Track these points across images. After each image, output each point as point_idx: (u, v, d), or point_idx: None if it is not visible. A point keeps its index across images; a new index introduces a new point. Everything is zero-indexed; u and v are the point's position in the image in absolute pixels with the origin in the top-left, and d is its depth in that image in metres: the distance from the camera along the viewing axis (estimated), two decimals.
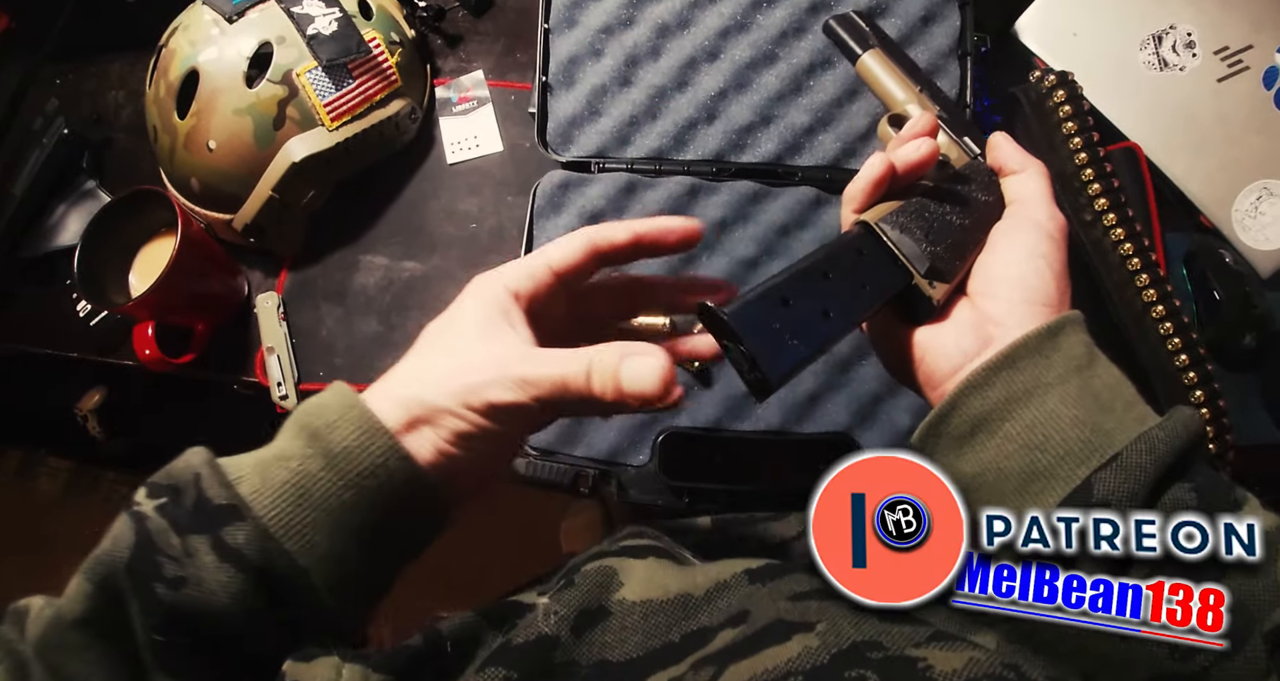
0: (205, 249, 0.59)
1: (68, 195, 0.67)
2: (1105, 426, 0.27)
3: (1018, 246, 0.32)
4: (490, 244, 0.62)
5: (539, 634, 0.26)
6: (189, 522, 0.26)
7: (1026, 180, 0.34)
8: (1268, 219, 0.60)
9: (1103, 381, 0.29)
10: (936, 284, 0.31)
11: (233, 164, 0.57)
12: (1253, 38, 0.61)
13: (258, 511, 0.26)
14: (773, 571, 0.28)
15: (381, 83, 0.60)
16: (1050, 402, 0.28)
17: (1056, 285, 0.31)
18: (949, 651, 0.23)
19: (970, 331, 0.31)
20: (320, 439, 0.27)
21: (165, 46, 0.58)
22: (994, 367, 0.29)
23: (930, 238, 0.31)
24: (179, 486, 0.27)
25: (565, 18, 0.59)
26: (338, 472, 0.27)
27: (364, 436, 0.27)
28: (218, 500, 0.26)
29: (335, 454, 0.27)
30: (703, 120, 0.58)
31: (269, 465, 0.27)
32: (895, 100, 0.39)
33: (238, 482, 0.27)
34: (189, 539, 0.26)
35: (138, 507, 0.27)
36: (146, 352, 0.57)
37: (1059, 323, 0.30)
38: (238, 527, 0.26)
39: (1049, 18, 0.63)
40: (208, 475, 0.27)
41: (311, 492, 0.27)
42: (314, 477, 0.27)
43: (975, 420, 0.29)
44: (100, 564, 0.26)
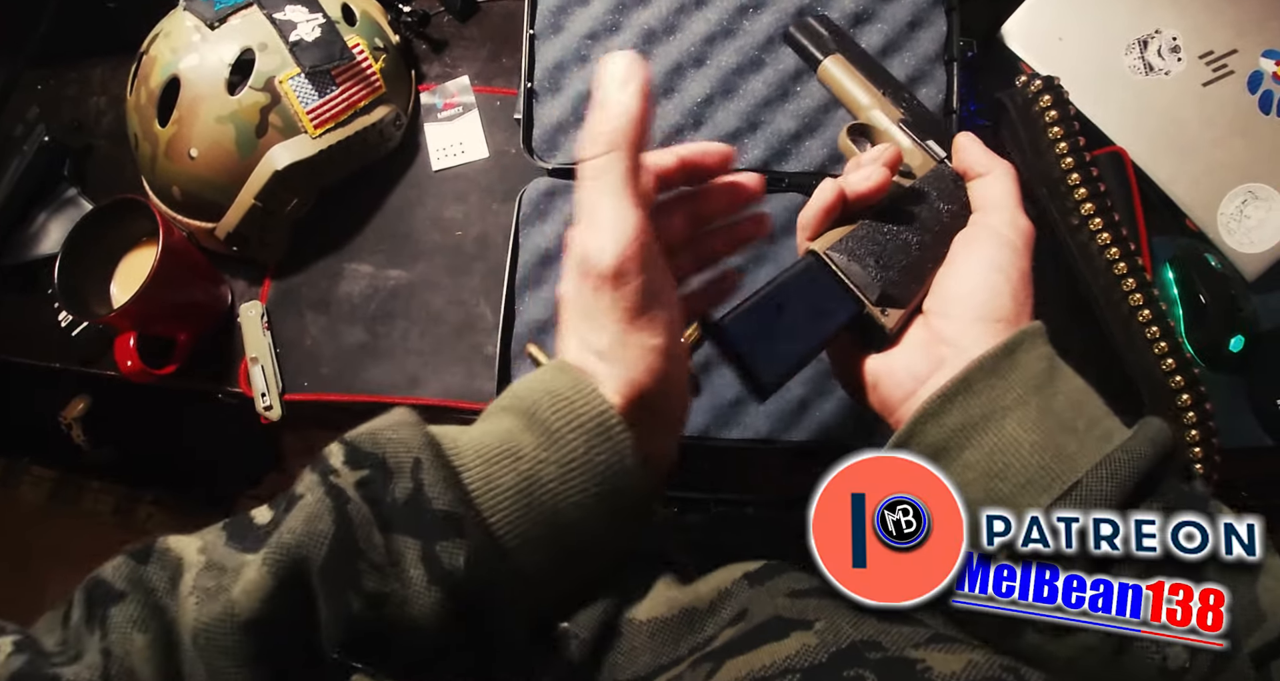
0: (187, 258, 0.58)
1: (49, 203, 0.66)
2: (1067, 449, 0.27)
3: (975, 259, 0.31)
4: (476, 251, 0.61)
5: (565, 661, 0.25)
6: (400, 519, 0.23)
7: (991, 184, 0.33)
8: (1253, 222, 0.61)
9: (1065, 398, 0.28)
10: (889, 311, 0.31)
11: (215, 172, 0.56)
12: (1237, 42, 0.61)
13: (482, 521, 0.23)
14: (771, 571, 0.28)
15: (365, 89, 0.59)
16: (1009, 427, 0.27)
17: (1014, 298, 0.30)
18: (948, 653, 0.23)
19: (922, 353, 0.30)
20: (558, 441, 0.25)
21: (146, 53, 0.57)
22: (949, 394, 0.28)
23: (882, 262, 0.31)
24: (389, 465, 0.23)
25: (551, 23, 0.59)
26: (572, 487, 0.24)
27: (611, 450, 0.25)
28: (438, 504, 0.23)
29: (575, 465, 0.24)
30: (689, 127, 0.58)
31: (495, 459, 0.24)
32: (858, 106, 0.38)
33: (460, 473, 0.24)
34: (396, 541, 0.23)
35: (335, 479, 0.23)
36: (128, 364, 0.57)
37: (1015, 340, 0.29)
38: (457, 545, 0.23)
39: (1035, 23, 0.63)
40: (430, 464, 0.23)
41: (539, 503, 0.24)
42: (545, 487, 0.24)
43: (934, 449, 0.28)
44: (289, 555, 0.22)
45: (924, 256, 0.32)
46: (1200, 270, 0.60)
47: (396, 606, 0.23)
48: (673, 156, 0.32)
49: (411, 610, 0.23)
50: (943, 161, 0.36)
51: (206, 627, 0.22)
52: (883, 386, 0.31)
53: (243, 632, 0.22)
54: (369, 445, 0.24)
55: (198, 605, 0.23)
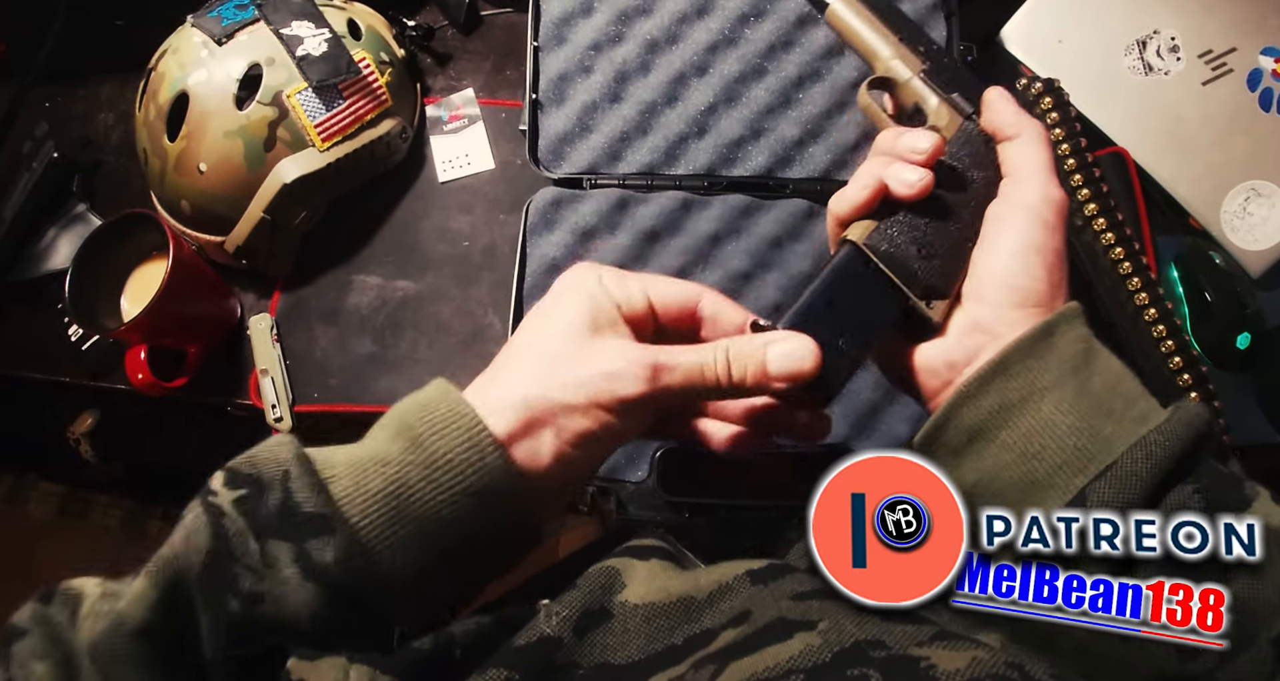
0: (197, 272, 0.59)
1: (58, 219, 0.67)
2: (1103, 432, 0.27)
3: (1007, 240, 0.30)
4: (483, 262, 0.62)
5: (541, 634, 0.26)
6: (271, 526, 0.24)
7: (1021, 148, 0.31)
8: (1256, 219, 0.61)
9: (1102, 380, 0.28)
10: (935, 303, 0.30)
11: (224, 186, 0.57)
12: (1236, 41, 0.61)
13: (350, 522, 0.24)
14: (775, 572, 0.28)
15: (372, 102, 0.60)
16: (1046, 409, 0.27)
17: (1048, 279, 0.29)
18: (952, 650, 0.23)
19: (958, 341, 0.30)
20: (423, 445, 0.26)
21: (154, 69, 0.58)
22: (987, 376, 0.28)
23: (923, 250, 0.30)
24: (263, 481, 0.25)
25: (555, 35, 0.59)
26: (438, 486, 0.25)
27: (471, 447, 0.26)
28: (306, 506, 0.24)
29: (438, 464, 0.25)
30: (693, 135, 0.58)
31: (364, 467, 0.26)
32: (875, 55, 0.35)
33: (330, 482, 0.25)
34: (269, 545, 0.24)
35: (213, 499, 0.25)
36: (139, 377, 0.57)
37: (1053, 322, 0.28)
38: (326, 542, 0.24)
39: (1034, 26, 0.64)
40: (297, 474, 0.25)
41: (408, 505, 0.25)
42: (411, 488, 0.25)
43: (971, 430, 0.28)
44: (169, 567, 0.24)
45: (962, 236, 0.30)
46: (1205, 268, 0.60)
47: (274, 604, 0.24)
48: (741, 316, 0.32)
49: (289, 606, 0.24)
50: (970, 117, 0.33)
51: (100, 640, 0.24)
52: (920, 375, 0.31)
53: (132, 640, 0.24)
54: (246, 468, 0.26)
55: (92, 624, 0.24)
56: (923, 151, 0.30)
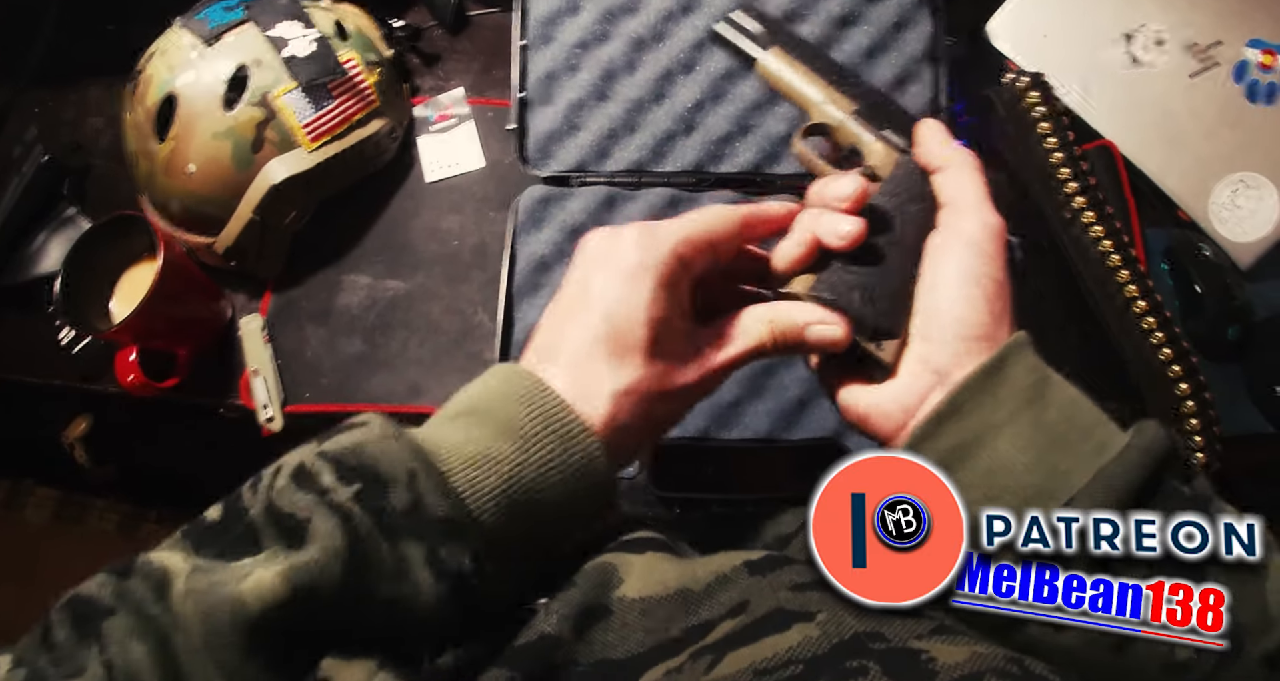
0: (187, 273, 0.59)
1: (48, 222, 0.67)
2: (1060, 467, 0.27)
3: (947, 273, 0.30)
4: (473, 260, 0.62)
5: (540, 633, 0.26)
6: (402, 528, 0.25)
7: (952, 179, 0.31)
8: (1244, 211, 0.61)
9: (1057, 411, 0.28)
10: (884, 344, 0.30)
11: (213, 187, 0.57)
12: (1222, 33, 0.61)
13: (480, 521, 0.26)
14: (773, 562, 0.28)
15: (360, 103, 0.60)
16: (1002, 447, 0.27)
17: (989, 310, 0.29)
18: (952, 644, 0.23)
19: (908, 383, 0.30)
20: (534, 447, 0.27)
21: (143, 71, 0.58)
22: (939, 417, 0.28)
23: (866, 293, 0.30)
24: (383, 477, 0.25)
25: (541, 34, 0.59)
26: (550, 486, 0.27)
27: (584, 453, 0.28)
28: (437, 510, 0.25)
29: (551, 466, 0.27)
30: (680, 132, 0.58)
31: (477, 465, 0.26)
32: (807, 102, 0.35)
33: (448, 477, 0.26)
34: (401, 546, 0.24)
35: (333, 496, 0.25)
36: (130, 378, 0.57)
37: (1001, 355, 0.28)
38: (460, 547, 0.25)
39: (1020, 20, 0.64)
40: (424, 475, 0.25)
41: (519, 503, 0.27)
42: (524, 486, 0.27)
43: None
44: (307, 573, 0.24)
45: (906, 274, 0.31)
46: (1194, 260, 0.60)
47: (407, 606, 0.24)
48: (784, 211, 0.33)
49: (422, 610, 0.25)
50: (905, 151, 0.34)
51: (212, 624, 0.23)
52: (874, 420, 0.31)
53: (249, 629, 0.23)
54: (355, 460, 0.26)
55: (196, 605, 0.24)
56: (847, 197, 0.31)
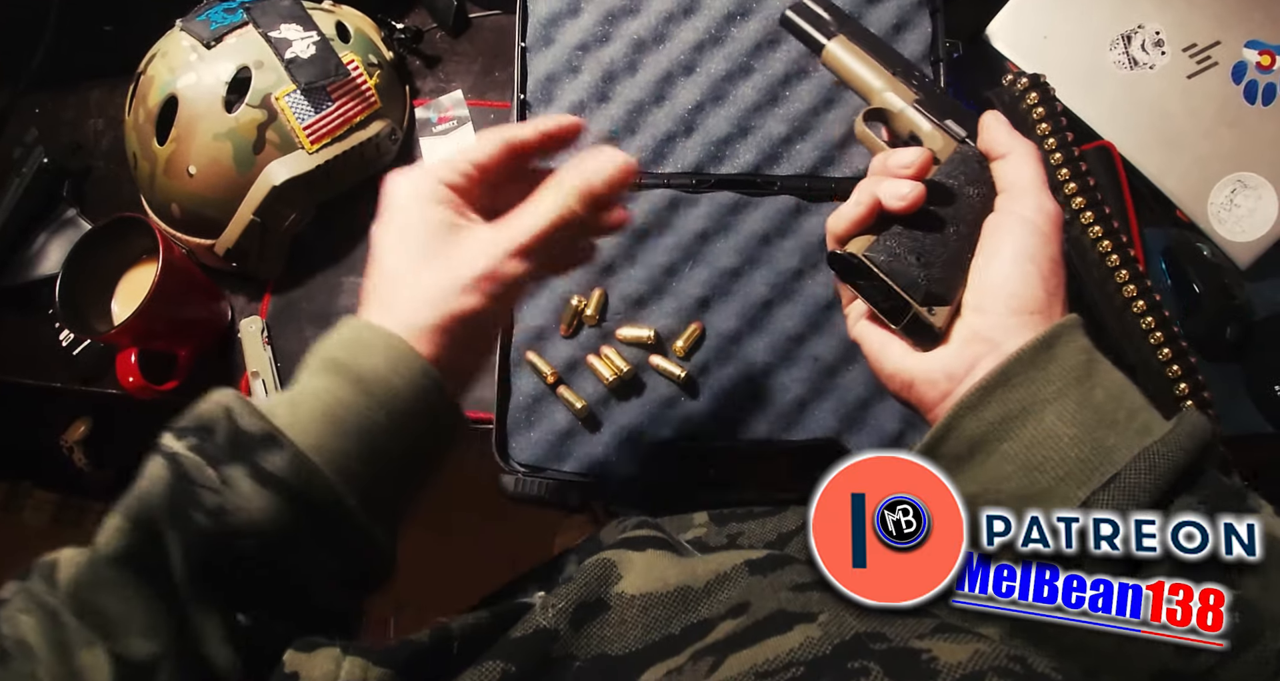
0: (187, 275, 0.59)
1: (49, 224, 0.67)
2: (1106, 443, 0.27)
3: (1005, 249, 0.30)
4: None
5: (537, 627, 0.26)
6: (225, 454, 0.26)
7: (1014, 165, 0.32)
8: (1243, 211, 0.61)
9: (1104, 391, 0.28)
10: (936, 310, 0.30)
11: (213, 189, 0.57)
12: (1220, 34, 0.62)
13: (295, 438, 0.26)
14: (773, 562, 0.28)
15: (361, 104, 0.60)
16: (1048, 420, 0.27)
17: (1044, 287, 0.30)
18: (954, 643, 0.23)
19: (957, 351, 0.30)
20: (348, 368, 0.28)
21: (144, 73, 0.58)
22: (989, 386, 0.28)
23: (923, 259, 0.30)
24: (208, 424, 0.27)
25: (542, 36, 0.59)
26: (370, 397, 0.28)
27: (394, 358, 0.28)
28: (253, 430, 0.26)
29: (366, 379, 0.28)
30: (681, 133, 0.58)
31: (297, 399, 0.28)
32: (870, 89, 0.37)
33: (271, 415, 0.27)
34: (225, 469, 0.26)
35: (168, 448, 0.27)
36: (130, 380, 0.57)
37: (1054, 332, 0.29)
38: (276, 453, 0.26)
39: (1020, 22, 0.64)
40: (240, 408, 0.27)
41: (345, 419, 0.28)
42: (346, 405, 0.28)
43: (972, 441, 0.28)
44: (135, 501, 0.26)
45: (962, 246, 0.31)
46: (1193, 260, 0.60)
47: (235, 513, 0.26)
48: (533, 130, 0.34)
49: (251, 514, 0.26)
50: (964, 141, 0.35)
51: (77, 575, 0.26)
52: (919, 386, 0.31)
53: (108, 567, 0.25)
54: (190, 422, 0.28)
55: (68, 572, 0.26)
56: (910, 165, 0.32)
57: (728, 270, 0.56)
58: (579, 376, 0.54)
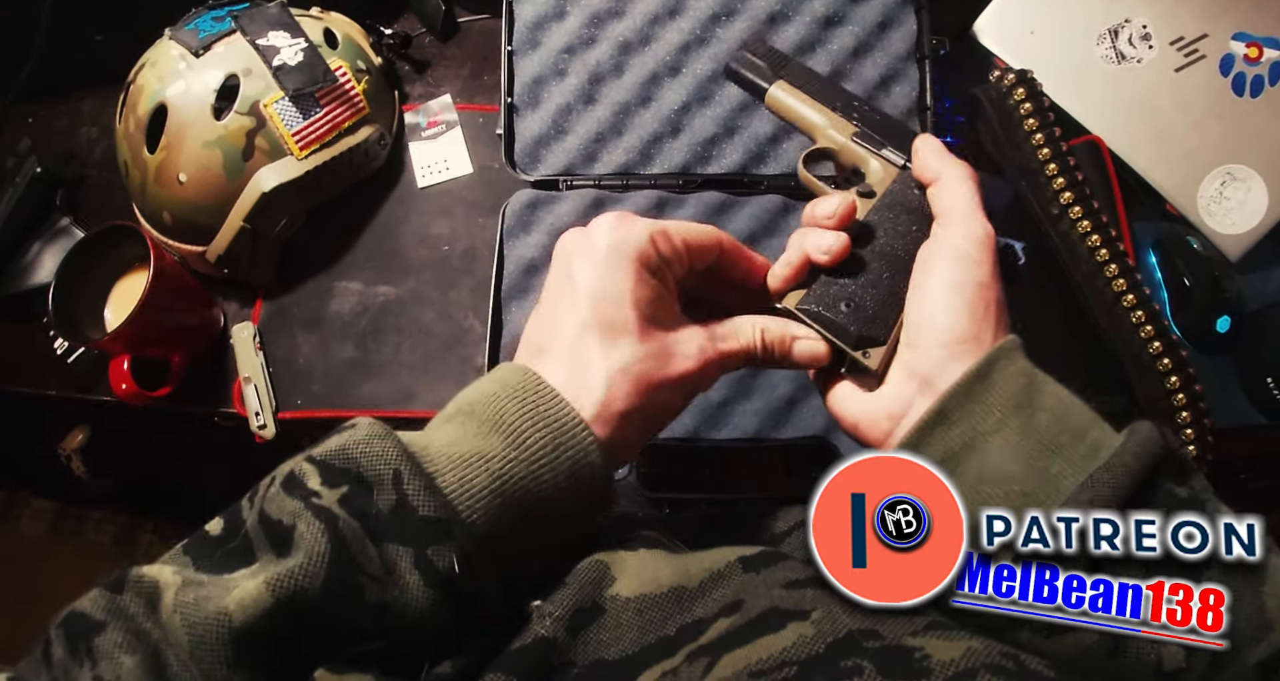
0: (179, 282, 0.59)
1: (42, 233, 0.67)
2: (1050, 471, 0.27)
3: (932, 281, 0.30)
4: (463, 265, 0.62)
5: (536, 637, 0.26)
6: (389, 530, 0.24)
7: (945, 190, 0.32)
8: (1233, 203, 0.61)
9: (1048, 414, 0.28)
10: (870, 352, 0.31)
11: (204, 196, 0.57)
12: (1207, 27, 0.62)
13: (465, 522, 0.25)
14: (767, 559, 0.28)
15: (349, 110, 0.60)
16: (991, 456, 0.27)
17: (972, 315, 0.29)
18: (946, 640, 0.23)
19: (895, 391, 0.30)
20: (522, 441, 0.27)
21: (133, 82, 0.58)
22: (927, 426, 0.28)
23: (852, 304, 0.31)
24: (368, 479, 0.25)
25: (528, 39, 0.60)
26: (543, 483, 0.27)
27: (570, 441, 0.27)
28: (424, 510, 0.24)
29: (541, 460, 0.27)
30: (667, 134, 0.58)
31: (468, 464, 0.26)
32: (812, 127, 0.38)
33: (434, 478, 0.25)
34: (389, 550, 0.24)
35: (317, 501, 0.24)
36: (123, 387, 0.57)
37: (989, 360, 0.28)
38: (447, 547, 0.24)
39: (1006, 17, 0.64)
40: (410, 475, 0.25)
41: (510, 497, 0.26)
42: (515, 483, 0.26)
43: None
44: (291, 579, 0.23)
45: (896, 283, 0.32)
46: (1183, 253, 0.60)
47: (399, 612, 0.24)
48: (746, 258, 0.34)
49: (413, 613, 0.24)
50: (904, 167, 0.35)
51: (201, 638, 0.23)
52: (863, 427, 0.31)
53: (239, 641, 0.23)
54: (340, 462, 0.25)
55: (184, 618, 0.23)
56: (833, 215, 0.32)
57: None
58: None
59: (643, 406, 0.29)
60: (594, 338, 0.29)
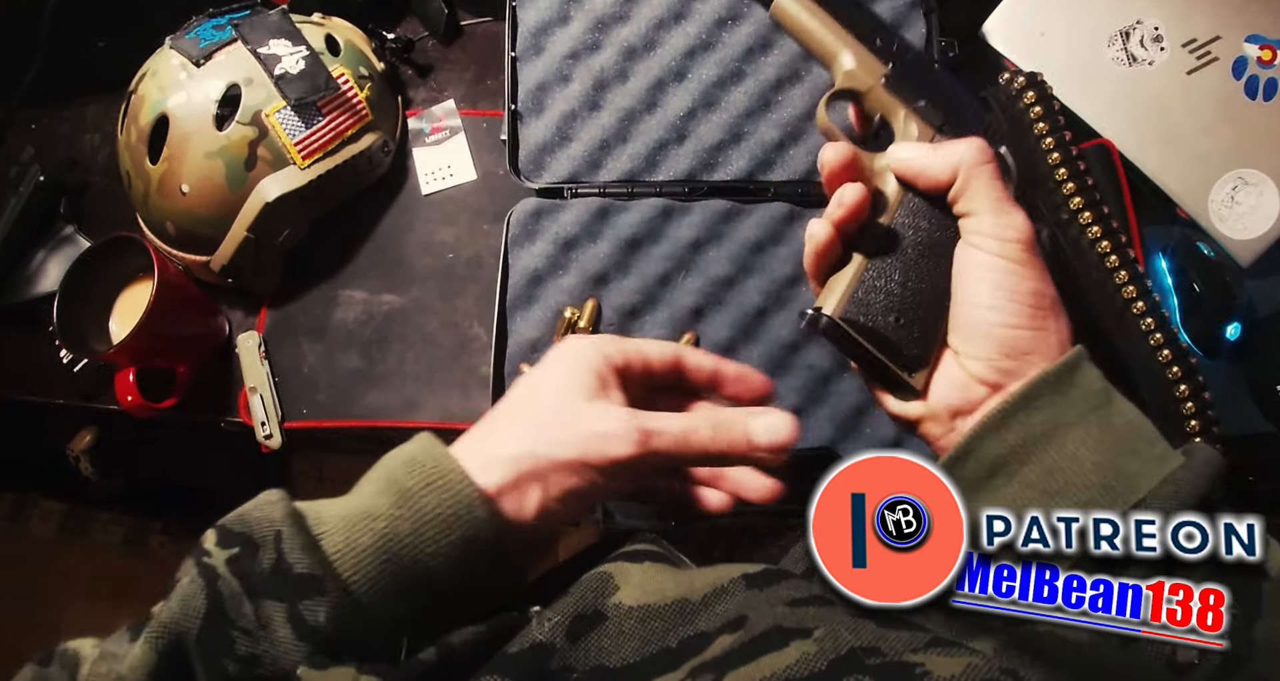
0: (183, 292, 0.59)
1: (46, 241, 0.67)
2: (1128, 469, 0.27)
3: (982, 289, 0.29)
4: (467, 273, 0.62)
5: (534, 641, 0.26)
6: (265, 587, 0.25)
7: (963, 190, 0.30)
8: (1244, 208, 0.60)
9: (1123, 418, 0.28)
10: (916, 374, 0.30)
11: (207, 206, 0.57)
12: (1219, 29, 0.61)
13: (342, 577, 0.25)
14: (770, 577, 0.28)
15: (352, 118, 0.60)
16: (1070, 445, 0.27)
17: (1033, 323, 0.29)
18: (947, 657, 0.23)
19: (961, 393, 0.30)
20: (411, 501, 0.27)
21: (135, 92, 0.58)
22: (1010, 409, 0.28)
23: (900, 318, 0.29)
24: (256, 540, 0.26)
25: (532, 45, 0.59)
26: (426, 539, 0.26)
27: (458, 501, 0.27)
28: (299, 567, 0.25)
29: (426, 519, 0.26)
30: (673, 141, 0.58)
31: (354, 522, 0.27)
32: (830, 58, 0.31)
33: (321, 538, 0.26)
34: (263, 605, 0.25)
35: (208, 559, 0.26)
36: (129, 399, 0.57)
37: (1074, 358, 0.28)
38: (319, 603, 0.25)
39: (1016, 19, 0.63)
40: (290, 535, 0.26)
41: (398, 558, 0.26)
42: (400, 542, 0.26)
43: (992, 464, 0.28)
44: (167, 631, 0.25)
45: (939, 290, 0.29)
46: (1193, 259, 0.60)
47: (269, 664, 0.25)
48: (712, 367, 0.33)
49: (283, 665, 0.25)
50: (941, 129, 0.31)
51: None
52: (925, 424, 0.31)
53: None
54: (238, 526, 0.27)
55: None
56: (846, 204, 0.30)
57: (721, 278, 0.55)
58: None
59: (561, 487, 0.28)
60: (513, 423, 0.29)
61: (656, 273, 0.56)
